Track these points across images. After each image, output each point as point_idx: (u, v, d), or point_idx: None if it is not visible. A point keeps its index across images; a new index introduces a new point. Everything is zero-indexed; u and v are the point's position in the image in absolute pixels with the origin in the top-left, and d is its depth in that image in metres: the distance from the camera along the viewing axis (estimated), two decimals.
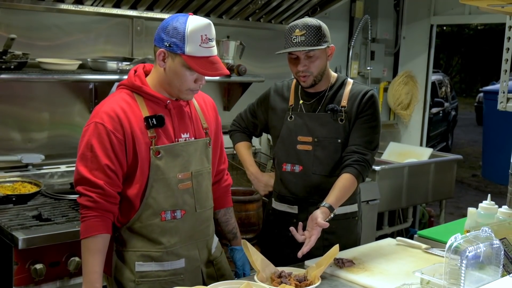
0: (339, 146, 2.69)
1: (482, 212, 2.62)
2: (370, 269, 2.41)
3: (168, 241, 2.21)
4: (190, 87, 2.15)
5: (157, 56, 2.13)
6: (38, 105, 3.50)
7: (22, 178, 3.33)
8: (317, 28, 2.57)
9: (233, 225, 2.58)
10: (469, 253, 1.92)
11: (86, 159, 2.09)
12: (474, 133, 15.11)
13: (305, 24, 2.57)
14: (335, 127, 2.68)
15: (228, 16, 4.17)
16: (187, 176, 2.22)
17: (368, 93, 2.69)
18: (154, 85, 2.19)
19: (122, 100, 2.15)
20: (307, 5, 4.43)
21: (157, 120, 2.15)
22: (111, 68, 3.41)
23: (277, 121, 2.81)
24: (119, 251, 2.22)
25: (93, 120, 2.12)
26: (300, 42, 2.56)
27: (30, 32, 3.39)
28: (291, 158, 2.75)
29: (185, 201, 2.22)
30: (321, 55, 2.61)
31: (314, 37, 2.55)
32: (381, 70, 5.73)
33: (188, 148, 2.23)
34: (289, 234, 2.50)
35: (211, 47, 2.11)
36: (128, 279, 2.19)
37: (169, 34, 2.08)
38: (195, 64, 2.07)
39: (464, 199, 8.49)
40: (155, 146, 2.13)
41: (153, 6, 3.77)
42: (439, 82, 12.10)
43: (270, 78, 4.41)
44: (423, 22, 5.67)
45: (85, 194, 2.09)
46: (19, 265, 2.67)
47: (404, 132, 5.97)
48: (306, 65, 2.61)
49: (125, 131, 2.10)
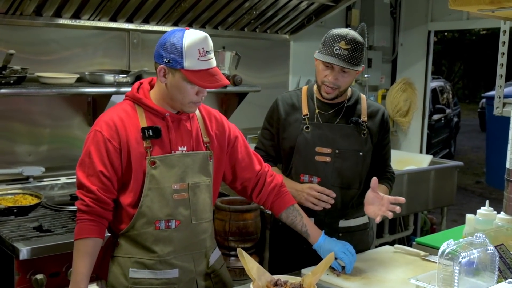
0: (360, 158, 2.69)
1: (480, 218, 2.61)
2: (367, 277, 2.41)
3: (162, 250, 2.23)
4: (192, 100, 2.19)
5: (158, 72, 2.17)
6: (38, 119, 3.54)
7: (23, 190, 3.38)
8: (362, 46, 2.54)
9: (300, 224, 2.51)
10: (462, 259, 1.92)
11: (84, 165, 2.18)
12: (478, 140, 15.06)
13: (353, 39, 2.51)
14: (358, 140, 2.69)
15: (224, 27, 4.20)
16: (183, 187, 2.24)
17: (385, 112, 2.79)
18: (158, 99, 2.24)
19: (122, 110, 2.22)
20: (302, 14, 4.45)
21: (153, 131, 2.19)
22: (108, 81, 3.44)
23: (291, 131, 2.75)
24: (115, 257, 2.26)
25: (93, 128, 2.20)
26: (342, 56, 2.50)
27: (29, 47, 3.44)
28: (309, 169, 2.71)
29: (180, 212, 2.24)
30: (354, 73, 2.59)
31: (357, 56, 2.52)
32: (379, 78, 5.72)
33: (185, 160, 2.25)
34: (304, 246, 2.52)
35: (210, 59, 2.15)
36: (122, 284, 2.23)
37: (168, 51, 2.12)
38: (195, 78, 2.11)
39: (468, 206, 8.45)
40: (150, 156, 2.17)
41: (149, 19, 3.81)
42: (441, 89, 12.10)
43: (266, 88, 4.45)
44: (421, 29, 5.66)
45: (80, 198, 2.18)
46: (20, 275, 2.70)
47: (404, 140, 5.95)
48: (338, 79, 2.57)
49: (121, 140, 2.16)
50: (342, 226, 2.74)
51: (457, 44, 22.61)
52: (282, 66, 4.81)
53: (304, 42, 4.77)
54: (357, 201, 2.74)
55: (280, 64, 4.79)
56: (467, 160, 11.98)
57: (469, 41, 22.53)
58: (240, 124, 4.48)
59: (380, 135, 2.76)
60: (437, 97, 11.50)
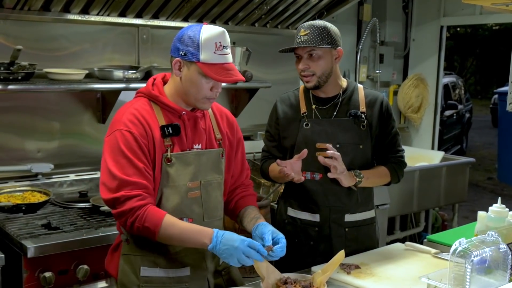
0: (360, 152, 2.67)
1: (492, 215, 2.58)
2: (377, 275, 2.38)
3: (174, 249, 2.21)
4: (206, 95, 2.16)
5: (173, 65, 2.15)
6: (46, 115, 3.53)
7: (32, 187, 3.38)
8: (322, 28, 2.56)
9: (254, 213, 2.39)
10: (474, 258, 1.89)
11: (122, 166, 2.07)
12: (490, 136, 14.96)
13: (310, 25, 2.58)
14: (357, 132, 2.67)
15: (234, 22, 4.17)
16: (196, 185, 2.23)
17: (383, 98, 2.74)
18: (172, 94, 2.21)
19: (142, 108, 2.17)
20: (313, 9, 4.42)
21: (172, 129, 2.17)
22: (117, 76, 3.44)
23: (290, 130, 2.75)
24: (126, 255, 2.23)
25: (117, 127, 2.12)
26: (302, 42, 2.56)
27: (37, 43, 3.43)
28: (310, 166, 2.69)
29: (193, 210, 2.22)
30: (324, 55, 2.59)
31: (317, 37, 2.55)
32: (391, 74, 5.69)
33: (201, 158, 2.24)
34: (311, 242, 2.51)
35: (226, 54, 2.12)
36: (133, 283, 2.21)
37: (184, 43, 2.10)
38: (210, 71, 2.08)
39: (479, 203, 8.39)
40: (169, 153, 2.15)
41: (158, 14, 3.79)
42: (453, 85, 12.03)
43: (276, 83, 4.42)
44: (433, 24, 5.62)
45: (132, 195, 2.05)
46: (28, 273, 2.69)
47: (415, 136, 5.92)
48: (308, 65, 2.60)
49: (148, 137, 2.12)
50: (348, 221, 2.71)
51: (469, 40, 22.47)
52: (293, 61, 4.67)
53: None
54: (362, 195, 2.73)
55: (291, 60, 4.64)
56: (479, 156, 11.91)
57: (482, 36, 22.39)
58: (251, 120, 4.52)
59: (381, 123, 2.72)
60: (449, 93, 11.43)
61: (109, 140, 2.12)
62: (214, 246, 2.03)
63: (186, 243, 2.12)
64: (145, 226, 2.06)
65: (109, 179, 2.08)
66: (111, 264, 2.31)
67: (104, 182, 2.10)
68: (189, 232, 2.09)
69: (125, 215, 2.07)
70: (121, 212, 2.07)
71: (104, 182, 2.10)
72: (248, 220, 2.34)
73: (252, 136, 4.58)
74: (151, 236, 2.08)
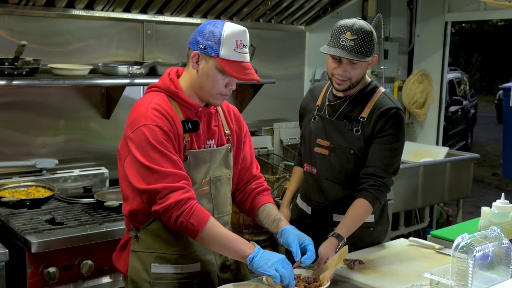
0: (351, 156, 2.58)
1: (496, 211, 2.59)
2: (381, 270, 2.39)
3: (184, 245, 2.21)
4: (220, 91, 2.15)
5: (191, 58, 2.13)
6: (51, 111, 3.54)
7: (36, 183, 3.39)
8: (370, 36, 2.42)
9: (273, 213, 2.37)
10: (476, 253, 1.90)
11: (156, 160, 2.03)
12: (495, 131, 14.90)
13: (359, 28, 2.41)
14: (350, 137, 2.57)
15: (239, 18, 4.17)
16: (206, 182, 2.23)
17: (391, 111, 2.52)
18: (186, 88, 2.19)
19: (164, 103, 2.14)
20: (318, 5, 4.41)
21: (192, 124, 2.16)
22: (121, 72, 3.44)
23: (305, 121, 2.76)
24: (136, 252, 2.23)
25: (142, 123, 2.06)
26: (348, 47, 2.40)
27: (42, 38, 3.43)
28: (309, 159, 2.72)
29: (203, 206, 2.19)
30: (364, 64, 2.49)
31: (365, 46, 2.41)
32: (395, 69, 5.68)
33: (215, 155, 2.24)
34: None
35: (245, 53, 2.12)
36: (144, 279, 2.21)
37: (205, 37, 2.09)
38: (228, 68, 2.08)
39: (484, 198, 8.38)
40: (187, 150, 2.15)
41: (163, 10, 3.80)
42: (458, 80, 12.01)
43: (281, 79, 4.42)
44: (438, 20, 5.61)
45: (176, 187, 2.03)
46: (32, 268, 2.70)
47: (420, 132, 5.92)
48: (347, 71, 2.47)
49: (173, 132, 2.11)
50: (336, 221, 2.61)
51: (474, 35, 22.40)
52: (298, 57, 4.78)
53: (320, 33, 4.72)
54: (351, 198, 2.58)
55: (295, 56, 4.76)
56: (484, 152, 11.88)
57: (487, 32, 22.33)
58: (255, 115, 4.52)
59: (377, 135, 2.54)
60: (454, 89, 11.41)
61: (135, 136, 2.06)
62: (255, 255, 2.03)
63: (226, 249, 2.10)
64: (190, 222, 2.03)
65: (145, 173, 2.03)
66: (120, 261, 2.30)
67: (138, 174, 2.05)
68: (233, 239, 2.08)
69: (170, 210, 2.02)
70: (166, 206, 2.02)
71: (138, 174, 2.05)
72: (269, 222, 2.35)
73: (257, 131, 4.58)
74: (192, 233, 2.06)
